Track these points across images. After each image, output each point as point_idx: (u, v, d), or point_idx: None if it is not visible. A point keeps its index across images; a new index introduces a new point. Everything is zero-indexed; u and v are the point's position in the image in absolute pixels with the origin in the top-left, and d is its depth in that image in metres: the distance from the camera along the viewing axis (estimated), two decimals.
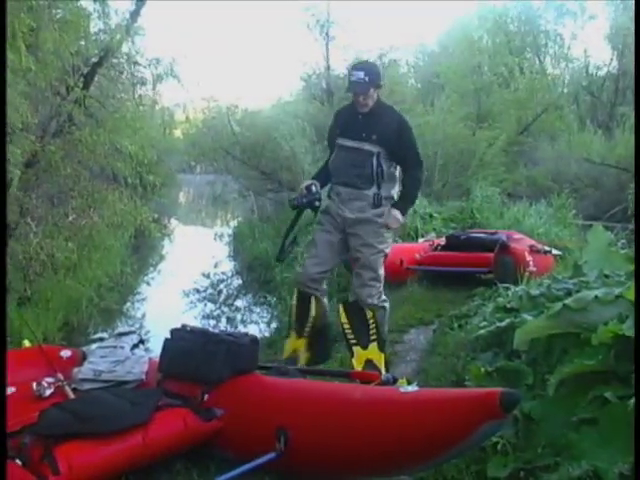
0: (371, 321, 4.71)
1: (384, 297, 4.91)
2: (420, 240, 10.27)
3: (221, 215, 29.37)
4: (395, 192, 4.87)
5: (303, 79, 23.43)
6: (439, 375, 4.64)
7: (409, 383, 3.36)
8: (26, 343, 4.42)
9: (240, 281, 12.94)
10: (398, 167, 4.86)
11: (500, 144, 18.64)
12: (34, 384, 3.76)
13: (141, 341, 4.43)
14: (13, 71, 6.23)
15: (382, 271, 4.87)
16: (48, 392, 3.74)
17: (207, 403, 3.47)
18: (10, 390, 3.69)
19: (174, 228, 22.88)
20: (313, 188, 4.82)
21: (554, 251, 8.67)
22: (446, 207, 13.98)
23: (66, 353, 4.26)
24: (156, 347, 4.34)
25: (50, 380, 3.82)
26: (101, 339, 4.45)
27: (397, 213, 4.78)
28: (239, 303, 10.99)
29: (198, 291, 11.57)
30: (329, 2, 20.61)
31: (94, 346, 4.29)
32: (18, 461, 2.80)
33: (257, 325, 9.34)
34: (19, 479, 2.68)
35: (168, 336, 4.00)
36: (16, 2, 6.35)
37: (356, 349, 4.73)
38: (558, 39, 31.40)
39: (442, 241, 9.29)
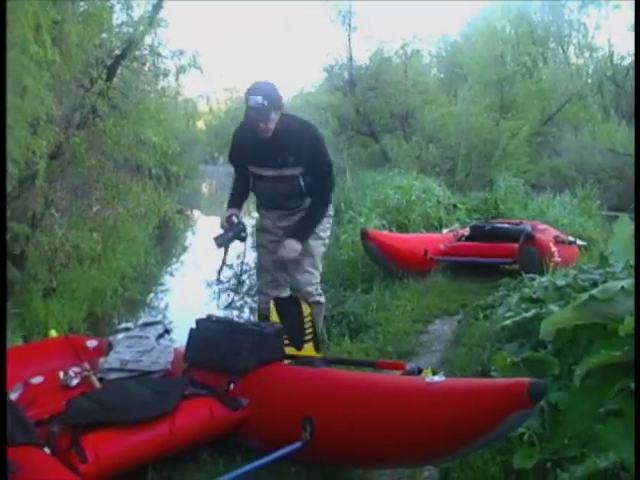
0: (307, 319, 4.55)
1: (321, 290, 4.77)
2: (444, 230, 10.23)
3: (244, 206, 29.30)
4: None
5: (326, 70, 23.46)
6: (464, 365, 4.61)
7: (434, 373, 3.34)
8: (53, 333, 4.48)
9: None
10: None
11: (523, 134, 18.53)
12: (61, 373, 3.80)
13: (166, 331, 4.46)
14: (38, 64, 6.26)
15: (320, 265, 4.72)
16: (75, 382, 3.77)
17: (233, 392, 3.48)
18: (38, 380, 3.76)
19: (197, 219, 22.91)
20: (234, 219, 4.61)
21: (579, 242, 8.61)
22: (469, 197, 13.91)
23: (92, 343, 4.29)
24: (180, 337, 4.36)
25: (77, 370, 3.86)
26: (127, 329, 4.47)
27: (292, 242, 4.54)
28: None
29: (221, 282, 11.57)
30: None
31: (120, 336, 4.31)
32: (47, 449, 2.84)
33: None
34: (48, 467, 2.70)
35: (193, 326, 4.01)
36: None
37: (289, 350, 4.26)
38: (582, 28, 31.08)
39: (466, 231, 9.23)
